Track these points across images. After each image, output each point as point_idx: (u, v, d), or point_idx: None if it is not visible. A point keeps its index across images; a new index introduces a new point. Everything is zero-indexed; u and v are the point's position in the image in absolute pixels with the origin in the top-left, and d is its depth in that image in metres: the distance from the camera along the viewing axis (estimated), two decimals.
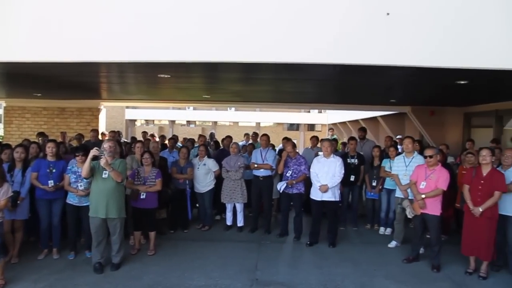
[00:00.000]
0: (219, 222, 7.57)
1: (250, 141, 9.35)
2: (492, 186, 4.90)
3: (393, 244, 6.25)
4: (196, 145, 8.45)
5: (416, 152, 6.14)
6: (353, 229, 7.27)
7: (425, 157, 5.33)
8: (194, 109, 38.99)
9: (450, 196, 6.17)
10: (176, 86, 8.33)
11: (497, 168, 5.18)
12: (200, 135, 8.65)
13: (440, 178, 5.18)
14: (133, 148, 7.08)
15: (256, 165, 6.78)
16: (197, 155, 7.16)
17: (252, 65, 4.82)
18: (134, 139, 9.76)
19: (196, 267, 5.25)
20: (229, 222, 7.07)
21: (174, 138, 8.37)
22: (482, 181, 5.01)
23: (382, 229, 7.01)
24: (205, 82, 7.88)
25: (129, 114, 33.16)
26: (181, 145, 8.89)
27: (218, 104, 15.90)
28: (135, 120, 39.18)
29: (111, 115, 25.41)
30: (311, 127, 41.17)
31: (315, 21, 4.30)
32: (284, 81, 7.24)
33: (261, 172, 6.79)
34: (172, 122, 41.34)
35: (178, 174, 6.66)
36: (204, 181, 6.87)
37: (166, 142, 9.06)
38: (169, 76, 6.30)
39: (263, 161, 6.77)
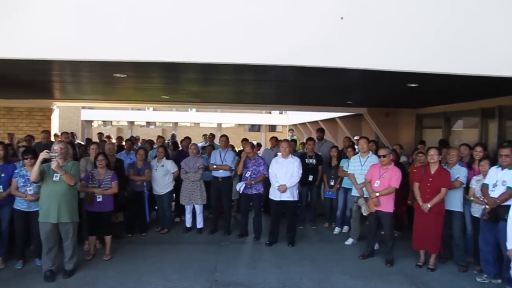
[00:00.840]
0: (178, 224, 7.47)
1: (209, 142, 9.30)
2: (439, 184, 5.17)
3: (349, 241, 6.44)
4: (155, 146, 8.31)
5: (371, 152, 6.36)
6: (312, 228, 7.42)
7: (379, 156, 5.54)
8: (154, 109, 38.16)
9: (403, 193, 6.45)
10: (133, 86, 8.16)
11: (444, 166, 5.47)
12: (159, 136, 8.53)
13: (392, 177, 5.40)
14: (88, 150, 6.85)
15: (215, 166, 6.76)
16: (155, 157, 7.04)
17: (211, 65, 4.81)
18: (89, 140, 9.45)
19: (154, 270, 5.15)
20: (188, 224, 6.99)
21: (131, 140, 8.18)
22: (430, 179, 5.28)
23: (337, 229, 7.16)
24: (163, 83, 7.77)
25: (85, 115, 31.92)
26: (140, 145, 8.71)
27: (178, 104, 15.74)
28: (91, 121, 37.79)
29: (65, 115, 24.40)
30: (272, 128, 41.52)
31: (274, 23, 4.35)
32: (244, 82, 7.28)
33: (220, 173, 6.78)
34: (131, 123, 40.31)
35: (135, 176, 6.52)
36: (162, 183, 6.76)
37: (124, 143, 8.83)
38: (125, 76, 6.15)
39: (222, 162, 6.76)
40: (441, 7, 4.55)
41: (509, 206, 4.12)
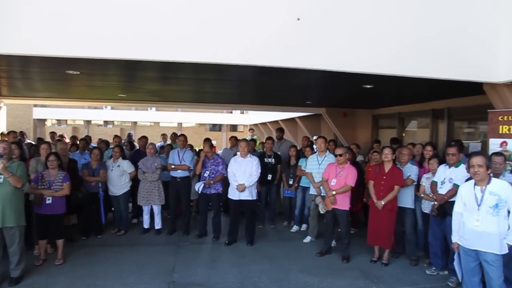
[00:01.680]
0: (136, 225, 7.31)
1: (168, 142, 9.15)
2: (392, 182, 5.37)
3: (308, 239, 6.55)
4: (111, 146, 8.05)
5: (328, 151, 6.50)
6: (271, 226, 7.48)
7: (335, 155, 5.67)
8: (112, 108, 37.10)
9: (359, 191, 6.66)
10: (88, 84, 7.85)
11: (397, 165, 5.69)
12: (116, 136, 8.28)
13: (348, 175, 5.54)
14: (39, 150, 6.52)
15: (173, 166, 6.66)
16: (111, 157, 6.83)
17: (170, 64, 4.71)
18: (40, 140, 8.99)
19: (110, 273, 5.00)
20: (146, 225, 6.86)
21: (86, 139, 7.88)
22: (384, 177, 5.47)
23: (295, 227, 7.26)
24: (120, 81, 7.55)
25: (38, 113, 30.40)
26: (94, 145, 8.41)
27: (137, 103, 15.31)
28: (44, 120, 36.06)
29: (15, 114, 23.13)
30: (233, 127, 41.49)
31: (232, 23, 4.35)
32: (204, 81, 7.22)
33: (179, 173, 6.69)
34: (88, 122, 38.91)
35: (90, 177, 6.30)
36: (118, 184, 6.57)
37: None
38: (79, 73, 5.92)
39: (181, 162, 6.67)
40: (392, 12, 4.74)
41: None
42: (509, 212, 3.68)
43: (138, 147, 8.20)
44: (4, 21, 3.92)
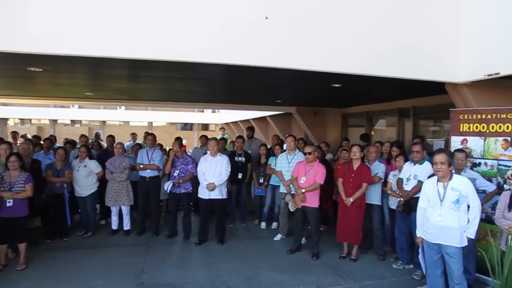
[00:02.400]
0: (104, 227, 7.15)
1: (138, 141, 8.99)
2: (361, 179, 5.48)
3: (278, 237, 6.60)
4: (78, 146, 7.82)
5: (297, 150, 6.56)
6: (242, 225, 7.49)
7: (305, 154, 5.73)
8: (79, 107, 36.04)
9: (328, 189, 6.76)
10: (52, 82, 7.60)
11: (365, 163, 5.81)
12: (82, 135, 8.05)
13: (317, 173, 5.61)
14: None
15: (142, 166, 6.55)
16: (77, 157, 6.63)
17: (138, 62, 4.62)
18: (0, 140, 8.62)
19: (76, 277, 4.86)
20: (114, 226, 6.71)
21: (51, 139, 7.61)
22: (353, 174, 5.57)
23: (263, 224, 7.32)
24: (86, 79, 7.34)
25: None
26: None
27: (105, 102, 14.98)
28: (7, 119, 34.56)
29: None
30: (205, 126, 41.22)
31: (201, 21, 4.32)
32: (174, 79, 7.13)
33: (148, 173, 6.57)
34: (54, 121, 37.62)
35: (54, 178, 6.08)
36: (85, 184, 6.39)
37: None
38: (41, 70, 5.71)
39: (150, 162, 6.56)
40: (359, 13, 4.84)
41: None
42: (468, 206, 3.83)
43: (105, 147, 8.00)
44: None
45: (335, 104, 11.38)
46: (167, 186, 6.33)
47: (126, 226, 6.67)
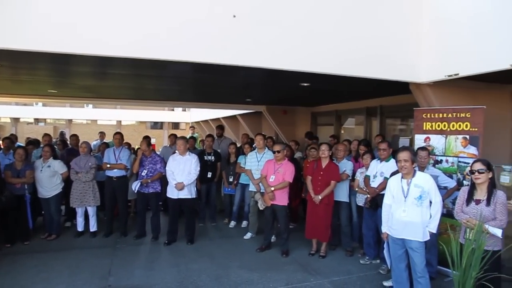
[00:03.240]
0: (69, 229, 6.92)
1: (105, 140, 8.76)
2: (329, 177, 5.57)
3: (248, 235, 6.61)
4: (42, 145, 7.55)
5: (267, 148, 6.59)
6: (212, 224, 7.45)
7: (274, 152, 5.76)
8: (44, 105, 34.72)
9: (297, 187, 6.83)
10: (12, 78, 7.28)
11: (333, 161, 5.90)
12: (45, 134, 7.75)
13: (286, 172, 5.65)
14: None
15: (108, 165, 6.38)
16: (40, 156, 6.40)
17: (105, 59, 4.50)
18: None
19: (38, 282, 4.68)
20: (80, 228, 6.52)
21: (10, 138, 7.30)
22: (321, 172, 5.65)
23: (232, 223, 7.33)
24: (49, 75, 7.08)
25: None
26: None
27: (71, 100, 14.46)
28: None
29: None
30: (175, 125, 40.65)
31: (168, 18, 4.26)
32: (143, 77, 7.00)
33: (115, 173, 6.42)
34: (16, 119, 36.09)
35: (14, 179, 5.83)
36: (49, 185, 6.17)
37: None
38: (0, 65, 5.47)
39: (117, 161, 6.41)
40: (326, 13, 4.91)
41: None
42: (430, 202, 3.96)
43: (70, 146, 7.75)
44: None
45: (305, 103, 11.52)
46: (135, 186, 6.21)
47: (93, 227, 6.49)
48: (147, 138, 6.49)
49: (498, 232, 3.56)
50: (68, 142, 8.58)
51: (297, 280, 4.91)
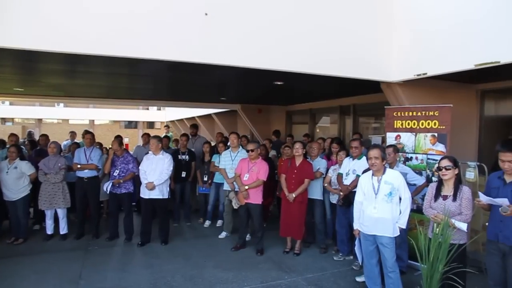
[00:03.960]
0: (38, 232, 6.70)
1: (76, 140, 8.55)
2: (303, 175, 5.61)
3: (223, 234, 6.58)
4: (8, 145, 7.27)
5: (241, 147, 6.58)
6: (187, 224, 7.39)
7: (247, 151, 5.76)
8: (11, 104, 33.53)
9: (270, 186, 6.85)
10: None
11: (307, 159, 5.95)
12: (12, 134, 7.49)
13: (260, 170, 5.66)
14: None
15: (79, 166, 6.22)
16: (6, 157, 6.17)
17: (75, 56, 4.35)
18: None
19: None
20: (49, 231, 6.32)
21: None
22: (295, 171, 5.68)
23: (208, 222, 7.30)
24: (14, 73, 6.84)
25: None
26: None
27: (39, 99, 14.05)
28: None
29: None
30: (150, 124, 40.09)
31: (139, 16, 4.18)
32: (116, 76, 6.87)
33: (86, 173, 6.27)
34: None
35: None
36: (15, 187, 5.95)
37: None
38: None
39: (88, 161, 6.26)
40: (298, 12, 4.94)
41: None
42: (400, 198, 4.05)
43: (39, 147, 7.52)
44: None
45: (280, 101, 11.57)
46: (106, 186, 6.08)
47: (63, 230, 6.32)
48: (118, 138, 6.35)
49: (464, 226, 3.68)
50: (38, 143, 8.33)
51: (272, 278, 4.93)
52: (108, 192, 6.17)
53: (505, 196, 3.41)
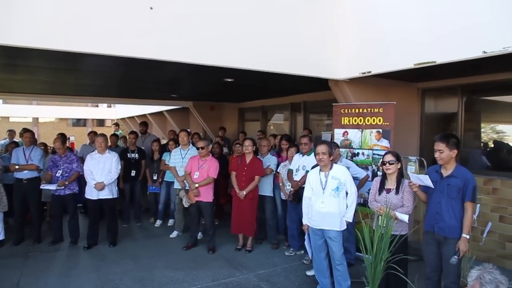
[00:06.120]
0: None
1: (15, 139, 8.04)
2: (253, 172, 5.63)
3: (174, 234, 6.48)
4: None
5: (191, 145, 6.48)
6: (137, 224, 7.20)
7: (198, 148, 5.68)
8: None
9: (226, 184, 6.82)
10: None
11: (257, 156, 5.98)
12: None
13: (210, 168, 5.62)
14: None
15: (17, 167, 5.83)
16: None
17: (12, 49, 4.05)
18: None
19: None
20: None
21: None
22: (246, 168, 5.69)
23: (159, 222, 7.17)
24: None
25: None
26: None
27: None
28: None
29: None
30: (100, 122, 38.57)
31: (81, 8, 3.98)
32: (59, 71, 6.50)
33: (25, 174, 5.89)
34: None
35: None
36: None
37: None
38: None
39: (27, 161, 5.89)
40: (247, 10, 4.94)
41: None
42: (347, 193, 4.17)
43: None
44: None
45: (232, 98, 11.54)
46: (43, 186, 5.78)
47: None
48: (61, 136, 6.03)
49: (405, 218, 3.85)
50: None
51: (223, 276, 4.91)
52: (44, 189, 5.87)
53: (441, 190, 3.61)
